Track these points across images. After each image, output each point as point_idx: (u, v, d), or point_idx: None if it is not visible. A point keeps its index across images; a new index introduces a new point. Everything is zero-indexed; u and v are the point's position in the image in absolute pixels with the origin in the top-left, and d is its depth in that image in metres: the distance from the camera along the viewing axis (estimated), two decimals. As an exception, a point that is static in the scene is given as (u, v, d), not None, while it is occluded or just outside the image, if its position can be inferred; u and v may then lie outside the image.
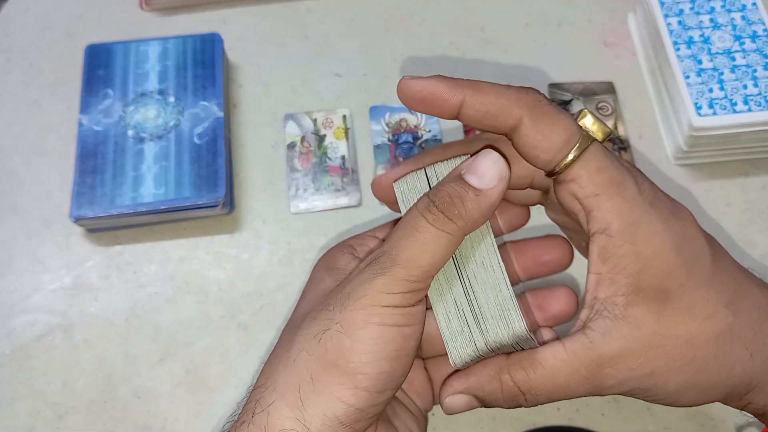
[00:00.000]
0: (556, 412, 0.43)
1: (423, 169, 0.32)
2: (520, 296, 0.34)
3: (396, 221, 0.34)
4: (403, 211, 0.31)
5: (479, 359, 0.31)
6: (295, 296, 0.47)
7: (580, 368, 0.28)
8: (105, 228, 0.49)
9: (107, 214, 0.46)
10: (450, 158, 0.31)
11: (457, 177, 0.29)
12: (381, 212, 0.50)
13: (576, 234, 0.34)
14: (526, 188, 0.33)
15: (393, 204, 0.33)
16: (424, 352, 0.36)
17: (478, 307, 0.30)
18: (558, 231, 0.36)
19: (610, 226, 0.28)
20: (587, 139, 0.28)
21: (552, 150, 0.28)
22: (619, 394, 0.29)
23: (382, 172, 0.51)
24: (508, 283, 0.30)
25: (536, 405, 0.29)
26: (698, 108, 0.48)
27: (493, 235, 0.31)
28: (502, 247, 0.35)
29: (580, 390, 0.28)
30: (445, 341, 0.31)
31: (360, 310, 0.28)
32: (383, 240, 0.34)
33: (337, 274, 0.32)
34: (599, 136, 0.29)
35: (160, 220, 0.49)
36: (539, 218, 0.43)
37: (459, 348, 0.31)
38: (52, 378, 0.44)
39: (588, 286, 0.29)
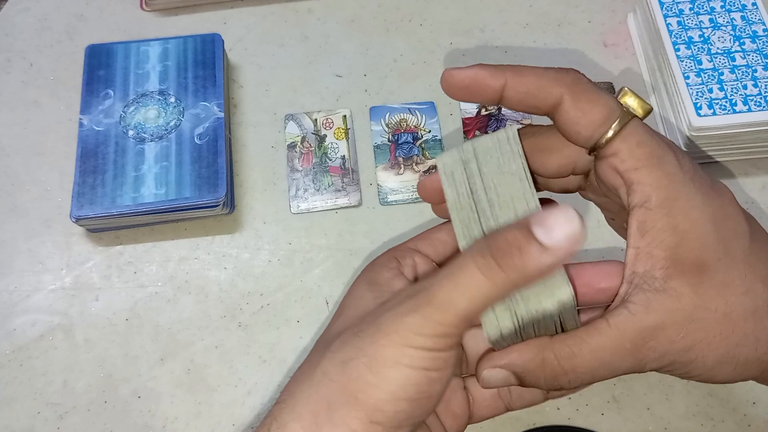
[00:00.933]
0: (556, 412, 0.43)
1: (469, 144, 0.31)
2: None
3: (438, 226, 0.34)
4: (446, 189, 0.30)
5: (517, 339, 0.29)
6: (295, 296, 0.47)
7: (624, 342, 0.27)
8: (105, 228, 0.49)
9: (108, 214, 0.46)
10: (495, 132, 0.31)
11: (523, 225, 0.26)
12: (381, 212, 0.50)
13: (617, 215, 0.34)
14: (569, 175, 0.33)
15: (437, 205, 0.32)
16: (466, 370, 0.35)
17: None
18: (612, 256, 0.35)
19: (650, 199, 0.28)
20: (627, 115, 0.29)
21: (592, 126, 0.29)
22: (658, 369, 0.28)
23: (382, 173, 0.52)
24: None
25: (577, 386, 0.29)
26: (698, 108, 0.48)
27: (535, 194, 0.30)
28: None
29: (623, 365, 0.28)
30: (481, 316, 0.29)
31: (390, 347, 0.27)
32: (426, 255, 0.33)
33: (379, 291, 0.31)
34: (639, 112, 0.29)
35: (160, 220, 0.49)
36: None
37: (498, 321, 0.29)
38: (52, 378, 0.44)
39: (627, 261, 0.29)
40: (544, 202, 0.30)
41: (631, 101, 0.29)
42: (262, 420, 0.30)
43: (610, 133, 0.28)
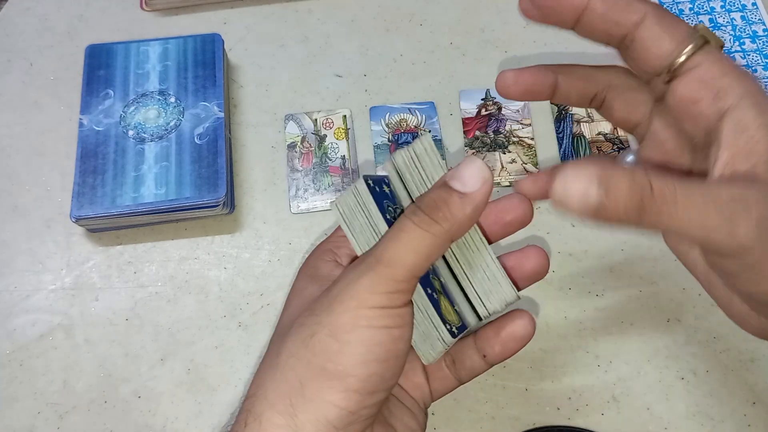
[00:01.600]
0: (556, 412, 0.43)
1: (362, 181, 0.32)
2: None
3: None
4: (346, 230, 0.32)
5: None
6: (295, 296, 0.47)
7: (723, 195, 0.26)
8: (106, 228, 0.49)
9: (108, 214, 0.46)
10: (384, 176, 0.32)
11: (441, 183, 0.30)
12: (381, 212, 0.50)
13: (681, 149, 0.33)
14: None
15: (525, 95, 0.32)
16: None
17: (466, 288, 0.32)
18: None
19: (742, 100, 0.27)
20: (703, 38, 0.28)
21: (675, 40, 0.28)
22: (745, 258, 0.26)
23: (383, 173, 0.52)
24: (494, 257, 0.32)
25: (654, 226, 0.25)
26: (698, 108, 0.48)
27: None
28: None
29: (714, 220, 0.25)
30: (416, 346, 0.32)
31: (347, 312, 0.28)
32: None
33: (321, 281, 0.33)
34: (713, 43, 0.29)
35: (160, 220, 0.49)
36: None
37: (434, 353, 0.32)
38: (52, 378, 0.44)
39: (720, 164, 0.27)
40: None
41: (706, 32, 0.29)
42: (235, 417, 0.30)
43: (690, 47, 0.28)
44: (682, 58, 0.28)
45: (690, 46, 0.28)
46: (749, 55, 0.50)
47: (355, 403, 0.28)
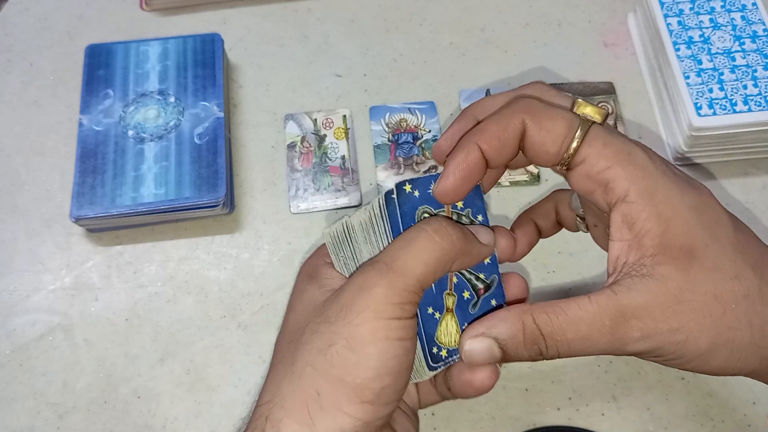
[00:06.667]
0: (556, 412, 0.43)
1: (349, 218, 0.33)
2: None
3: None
4: (334, 260, 0.34)
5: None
6: (295, 296, 0.47)
7: (604, 318, 0.28)
8: (105, 228, 0.49)
9: (107, 214, 0.46)
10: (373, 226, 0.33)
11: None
12: (381, 212, 0.50)
13: (599, 222, 0.35)
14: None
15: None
16: None
17: None
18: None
19: (629, 192, 0.28)
20: (587, 122, 0.29)
21: (558, 140, 0.29)
22: (647, 355, 0.28)
23: (382, 173, 0.52)
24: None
25: (556, 356, 0.29)
26: (698, 108, 0.48)
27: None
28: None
29: (602, 341, 0.28)
30: None
31: (365, 324, 0.28)
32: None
33: (319, 281, 0.33)
34: (598, 118, 0.30)
35: (160, 220, 0.49)
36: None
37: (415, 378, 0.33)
38: (52, 378, 0.44)
39: (613, 254, 0.29)
40: None
41: (587, 110, 0.30)
42: (248, 423, 0.30)
43: (575, 143, 0.29)
44: (570, 152, 0.29)
45: (574, 143, 0.29)
46: (749, 55, 0.50)
47: (370, 414, 0.28)
